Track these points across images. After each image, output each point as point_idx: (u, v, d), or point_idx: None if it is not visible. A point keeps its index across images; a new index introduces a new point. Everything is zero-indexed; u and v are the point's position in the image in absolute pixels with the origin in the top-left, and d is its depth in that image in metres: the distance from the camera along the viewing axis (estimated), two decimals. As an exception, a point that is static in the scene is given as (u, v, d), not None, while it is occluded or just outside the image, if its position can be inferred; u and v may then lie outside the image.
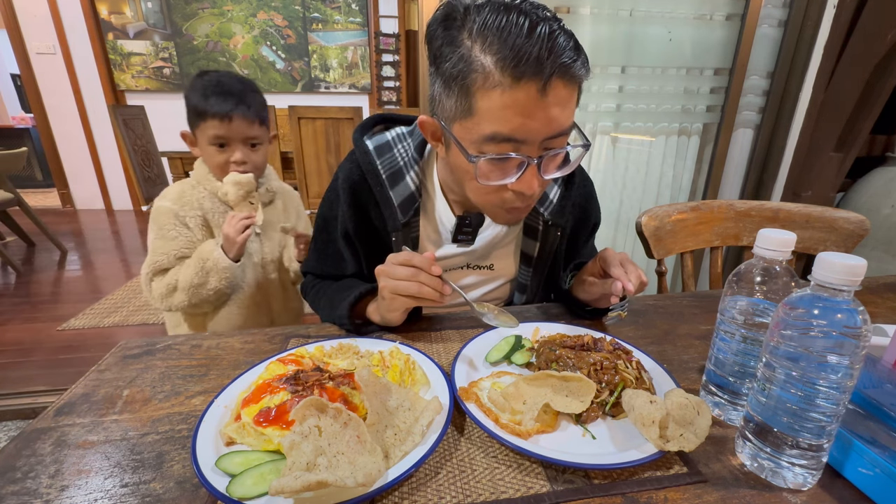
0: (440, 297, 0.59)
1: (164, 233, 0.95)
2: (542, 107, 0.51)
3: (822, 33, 1.55)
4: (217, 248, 0.93)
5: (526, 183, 0.57)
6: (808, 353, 0.38)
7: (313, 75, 3.86)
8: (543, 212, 0.74)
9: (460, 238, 0.74)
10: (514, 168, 0.57)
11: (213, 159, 0.96)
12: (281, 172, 2.21)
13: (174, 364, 0.61)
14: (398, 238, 0.72)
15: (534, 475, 0.43)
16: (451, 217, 0.74)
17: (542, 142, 0.55)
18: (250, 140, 0.97)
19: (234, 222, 0.91)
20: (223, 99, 0.91)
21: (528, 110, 0.51)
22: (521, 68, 0.49)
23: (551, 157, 0.57)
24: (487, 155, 0.55)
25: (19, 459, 0.44)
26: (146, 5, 3.57)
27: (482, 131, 0.54)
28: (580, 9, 1.50)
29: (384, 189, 0.70)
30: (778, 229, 0.46)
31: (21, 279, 2.76)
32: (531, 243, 0.77)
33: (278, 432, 0.43)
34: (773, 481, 0.42)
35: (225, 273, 0.93)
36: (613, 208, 1.80)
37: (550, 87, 0.51)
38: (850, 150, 1.68)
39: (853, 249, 1.01)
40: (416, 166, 0.72)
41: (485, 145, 0.55)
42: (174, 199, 0.97)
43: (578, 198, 0.78)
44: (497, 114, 0.52)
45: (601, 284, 0.64)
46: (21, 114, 5.27)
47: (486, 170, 0.57)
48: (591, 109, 1.64)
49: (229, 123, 0.92)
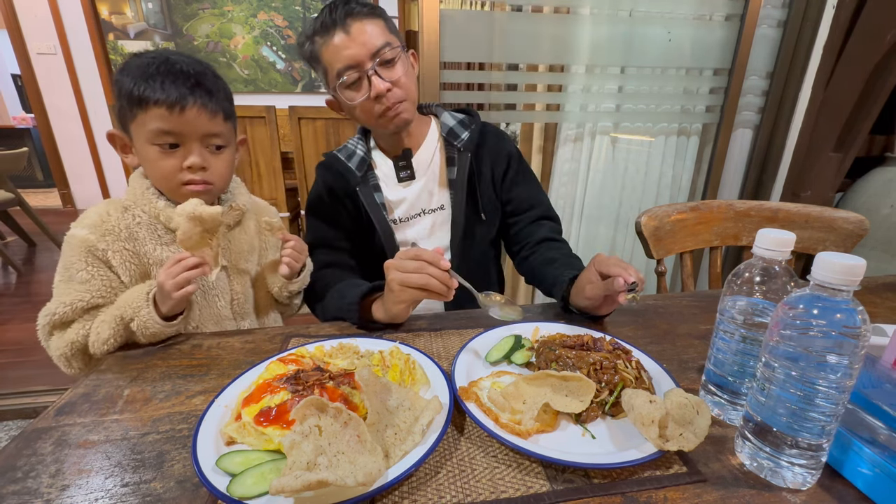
0: (447, 290, 0.64)
1: (70, 273, 0.67)
2: (352, 39, 0.78)
3: (822, 33, 1.55)
4: (146, 303, 0.64)
5: (375, 87, 0.79)
6: (808, 353, 0.38)
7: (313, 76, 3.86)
8: (457, 145, 0.92)
9: (402, 175, 0.93)
10: (366, 84, 0.80)
11: (157, 166, 0.68)
12: (281, 172, 2.20)
13: (175, 364, 0.61)
14: (362, 189, 0.90)
15: (533, 475, 0.43)
16: (389, 162, 0.94)
17: (370, 59, 0.79)
18: (212, 139, 0.70)
19: (175, 269, 0.64)
20: (172, 80, 0.65)
21: (346, 45, 0.78)
22: (327, 26, 0.78)
23: (384, 66, 0.80)
24: (340, 81, 0.80)
25: (20, 459, 0.44)
26: (147, 6, 3.57)
27: (333, 74, 0.81)
28: (580, 9, 1.50)
29: (343, 163, 0.91)
30: (777, 229, 0.46)
31: (22, 279, 2.76)
32: (452, 169, 0.94)
33: (279, 432, 0.43)
34: (772, 481, 0.42)
35: (154, 336, 0.66)
36: (613, 208, 1.80)
37: (350, 27, 0.77)
38: (850, 150, 1.68)
39: (852, 249, 1.01)
40: (361, 143, 0.94)
41: (339, 79, 0.80)
42: (92, 225, 0.68)
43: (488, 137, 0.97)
44: (332, 58, 0.80)
45: (602, 286, 0.64)
46: (22, 114, 5.27)
47: (350, 94, 0.82)
48: (590, 109, 1.64)
49: (181, 114, 0.66)
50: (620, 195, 1.78)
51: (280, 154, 2.18)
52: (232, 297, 0.79)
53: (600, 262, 0.64)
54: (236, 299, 0.80)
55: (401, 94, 0.83)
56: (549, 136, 1.73)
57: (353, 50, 0.78)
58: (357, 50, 0.78)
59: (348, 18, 0.77)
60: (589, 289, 0.67)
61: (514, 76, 1.62)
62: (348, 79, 0.80)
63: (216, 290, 0.77)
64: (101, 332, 0.65)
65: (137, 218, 0.71)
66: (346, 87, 0.81)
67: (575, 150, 1.72)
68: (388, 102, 0.82)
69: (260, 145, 2.17)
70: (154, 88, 0.64)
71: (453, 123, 0.94)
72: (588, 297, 0.67)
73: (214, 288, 0.76)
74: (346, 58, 0.78)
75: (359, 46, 0.78)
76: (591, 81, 1.61)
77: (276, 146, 2.16)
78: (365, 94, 0.81)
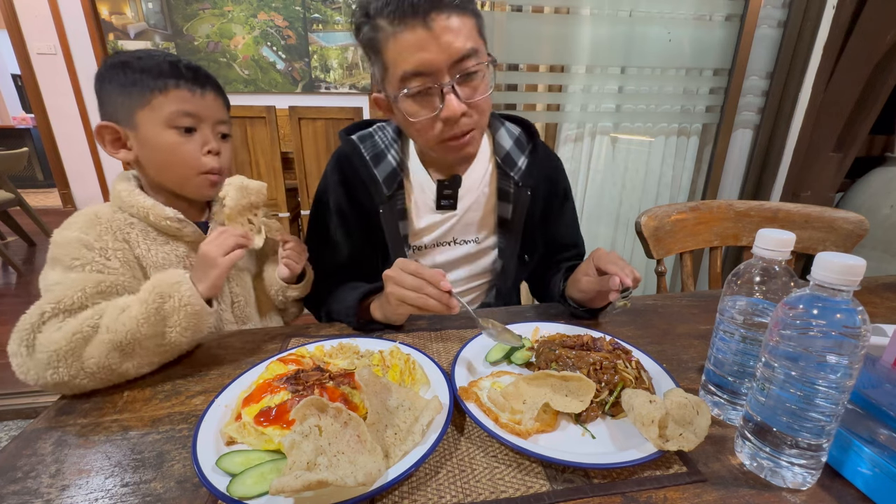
0: (447, 311, 0.60)
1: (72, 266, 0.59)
2: (433, 38, 0.60)
3: (822, 33, 1.55)
4: (185, 279, 0.58)
5: (450, 108, 0.64)
6: (808, 353, 0.38)
7: (314, 76, 3.86)
8: (514, 175, 0.79)
9: (443, 203, 0.78)
10: (437, 101, 0.65)
11: (178, 151, 0.67)
12: (281, 173, 2.20)
13: (175, 363, 0.61)
14: (385, 211, 0.76)
15: (533, 474, 0.43)
16: (431, 184, 0.78)
17: (449, 69, 0.63)
18: (221, 128, 0.71)
19: (223, 237, 0.62)
20: (188, 69, 0.67)
21: (421, 44, 0.61)
22: (403, 14, 0.60)
23: (464, 82, 0.65)
24: (405, 94, 0.64)
25: (20, 459, 0.44)
26: (147, 6, 3.57)
27: (397, 77, 0.64)
28: (580, 9, 1.50)
29: (369, 168, 0.76)
30: (777, 229, 0.46)
31: (22, 279, 2.76)
32: (505, 206, 0.81)
33: (279, 432, 0.43)
34: (772, 481, 0.42)
35: (192, 319, 0.57)
36: (613, 208, 1.80)
37: (432, 21, 0.60)
38: (850, 151, 1.69)
39: (852, 249, 1.01)
40: (395, 145, 0.78)
41: (403, 86, 0.64)
42: (84, 227, 0.63)
43: (545, 166, 0.84)
44: (400, 58, 0.62)
45: (597, 281, 0.64)
46: (22, 114, 5.27)
47: (412, 107, 0.66)
48: (590, 109, 1.64)
49: (203, 97, 0.67)
50: (620, 195, 1.79)
51: (280, 154, 2.18)
52: (232, 301, 0.76)
53: (599, 257, 0.65)
54: (237, 302, 0.77)
55: (475, 119, 0.68)
56: (549, 136, 1.73)
57: (432, 54, 0.61)
58: (436, 54, 0.61)
59: (433, 11, 0.60)
60: (585, 282, 0.67)
61: (514, 76, 1.62)
62: (415, 88, 0.64)
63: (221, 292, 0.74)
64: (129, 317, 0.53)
65: (128, 220, 0.67)
66: (412, 95, 0.65)
67: (575, 150, 1.72)
68: (458, 130, 0.67)
69: (260, 145, 2.17)
70: (175, 74, 0.65)
71: (510, 146, 0.80)
72: (582, 290, 0.68)
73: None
74: (420, 62, 0.61)
75: (439, 50, 0.61)
76: (592, 81, 1.61)
77: (277, 146, 2.16)
78: (432, 113, 0.65)
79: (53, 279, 0.58)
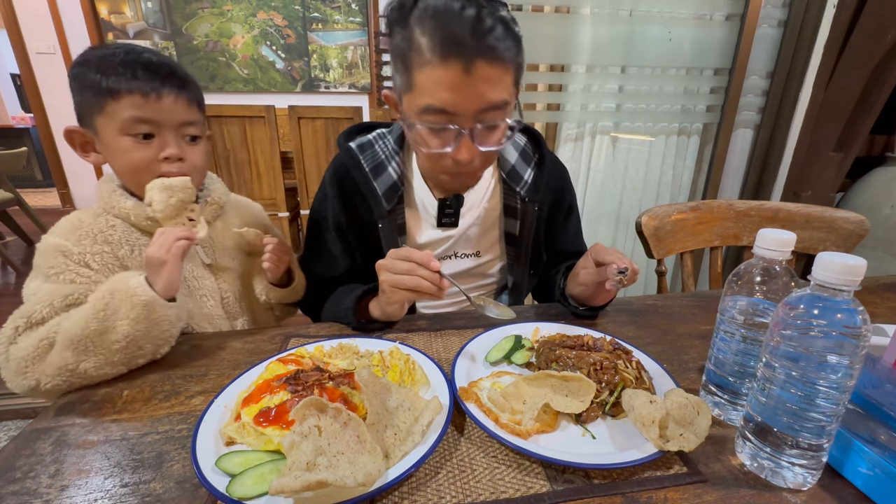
0: (438, 292, 0.61)
1: (47, 275, 0.61)
2: (469, 83, 0.57)
3: (822, 33, 1.55)
4: (136, 276, 0.58)
5: (461, 152, 0.63)
6: (808, 353, 0.38)
7: (313, 75, 3.86)
8: (520, 191, 0.78)
9: (444, 221, 0.77)
10: (452, 139, 0.63)
11: (130, 158, 0.64)
12: (281, 172, 2.20)
13: (174, 364, 0.61)
14: (384, 225, 0.75)
15: (534, 475, 0.43)
16: (433, 201, 0.77)
17: (475, 115, 0.60)
18: (187, 129, 0.67)
19: (163, 238, 0.60)
20: (144, 68, 0.62)
21: (455, 86, 0.57)
22: (447, 48, 0.56)
23: (485, 130, 0.63)
24: (422, 123, 0.62)
25: (19, 459, 0.44)
26: (146, 5, 3.57)
27: (420, 104, 0.61)
28: (580, 9, 1.50)
29: (368, 181, 0.74)
30: (778, 229, 0.46)
31: (21, 279, 2.75)
32: (512, 222, 0.80)
33: (278, 432, 0.43)
34: (772, 481, 0.42)
35: (142, 311, 0.55)
36: (613, 208, 1.80)
37: (474, 67, 0.56)
38: (850, 150, 1.68)
39: (853, 249, 1.01)
40: (396, 157, 0.76)
41: (423, 116, 0.62)
42: (66, 233, 0.64)
43: (552, 179, 0.82)
44: (429, 89, 0.59)
45: (596, 272, 0.65)
46: (21, 113, 5.27)
47: (426, 138, 0.64)
48: (591, 109, 1.64)
49: (157, 101, 0.62)
50: (621, 195, 1.79)
51: (280, 154, 2.18)
52: (221, 297, 0.76)
53: (597, 250, 0.66)
54: (225, 298, 0.77)
55: (484, 163, 0.68)
56: (549, 136, 1.73)
57: (461, 98, 0.58)
58: (466, 100, 0.58)
59: (479, 58, 0.56)
60: (583, 274, 0.68)
61: (514, 76, 1.62)
62: (433, 123, 0.62)
63: (203, 290, 0.73)
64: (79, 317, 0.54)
65: (111, 222, 0.67)
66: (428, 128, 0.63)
67: (575, 150, 1.72)
68: (465, 170, 0.67)
69: (259, 145, 2.17)
70: (127, 76, 0.61)
71: (515, 159, 0.78)
72: (581, 283, 0.68)
73: (202, 287, 0.73)
74: (449, 102, 0.59)
75: (472, 97, 0.58)
76: (592, 81, 1.61)
77: (276, 146, 2.16)
78: (444, 148, 0.63)
79: (31, 289, 0.60)
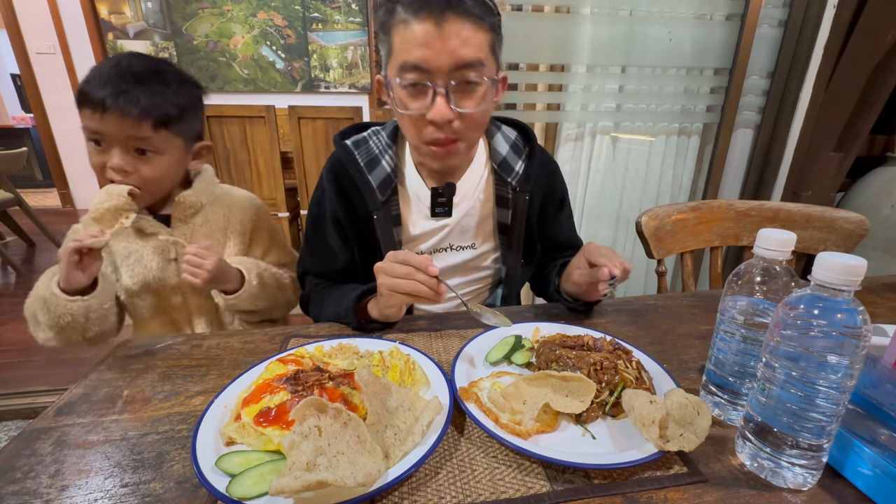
0: (435, 297, 0.61)
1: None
2: (440, 37, 0.60)
3: (822, 33, 1.55)
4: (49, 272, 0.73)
5: (437, 111, 0.64)
6: (808, 353, 0.38)
7: (313, 75, 3.86)
8: (511, 181, 0.80)
9: (438, 211, 0.78)
10: (429, 98, 0.64)
11: (91, 159, 0.74)
12: (281, 172, 2.20)
13: (174, 364, 0.61)
14: (379, 217, 0.76)
15: (534, 475, 0.43)
16: (425, 191, 0.78)
17: (448, 73, 0.62)
18: (136, 143, 0.72)
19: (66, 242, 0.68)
20: (104, 84, 0.69)
21: (428, 41, 0.60)
22: (417, 4, 0.60)
23: (460, 91, 0.64)
24: (400, 82, 0.64)
25: (19, 459, 0.44)
26: (146, 5, 3.57)
27: (397, 64, 0.64)
28: (580, 9, 1.50)
29: (363, 175, 0.76)
30: (778, 229, 0.46)
31: (21, 279, 2.76)
32: (504, 212, 0.81)
33: (278, 432, 0.43)
34: (773, 481, 0.42)
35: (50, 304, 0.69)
36: (613, 208, 1.80)
37: (445, 20, 0.59)
38: (850, 150, 1.68)
39: (853, 249, 1.01)
40: (390, 150, 0.78)
41: (400, 75, 0.64)
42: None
43: (542, 171, 0.84)
44: (404, 46, 0.62)
45: (588, 273, 0.66)
46: (21, 114, 5.27)
47: (404, 99, 0.66)
48: (591, 109, 1.64)
49: (102, 117, 0.69)
50: (621, 195, 1.78)
51: (280, 154, 2.18)
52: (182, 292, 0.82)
53: (590, 250, 0.66)
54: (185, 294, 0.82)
55: (462, 130, 0.68)
56: (549, 136, 1.73)
57: (434, 52, 0.60)
58: (438, 55, 0.61)
59: (448, 11, 0.59)
60: (577, 274, 0.69)
61: (514, 75, 1.62)
62: (409, 80, 0.64)
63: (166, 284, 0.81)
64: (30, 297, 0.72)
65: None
66: (404, 86, 0.65)
67: (575, 150, 1.72)
68: (442, 135, 0.67)
69: (260, 145, 2.17)
70: (88, 89, 0.69)
71: (506, 151, 0.80)
72: (575, 283, 0.70)
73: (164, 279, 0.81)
74: (421, 57, 0.61)
75: (443, 51, 0.60)
76: (592, 81, 1.61)
77: (276, 146, 2.16)
78: (421, 110, 0.65)
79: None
